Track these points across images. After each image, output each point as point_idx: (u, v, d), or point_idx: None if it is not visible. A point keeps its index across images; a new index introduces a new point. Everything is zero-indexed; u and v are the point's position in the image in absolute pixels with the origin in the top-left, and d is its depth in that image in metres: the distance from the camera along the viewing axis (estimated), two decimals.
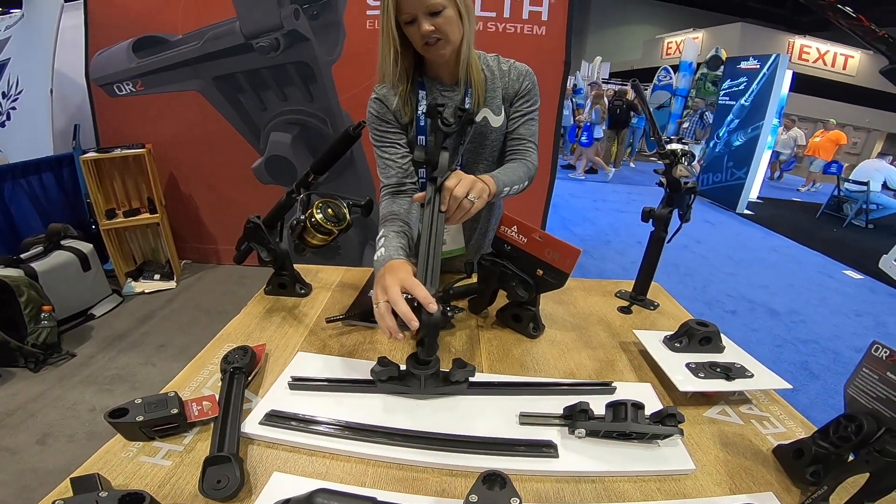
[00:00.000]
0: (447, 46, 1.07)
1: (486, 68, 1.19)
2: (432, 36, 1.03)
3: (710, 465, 0.72)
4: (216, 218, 3.80)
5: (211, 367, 0.89)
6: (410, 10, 1.01)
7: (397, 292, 0.78)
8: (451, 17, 1.03)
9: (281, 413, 0.74)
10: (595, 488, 0.67)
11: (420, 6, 1.00)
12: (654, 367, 0.92)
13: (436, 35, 1.03)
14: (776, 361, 2.89)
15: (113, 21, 3.33)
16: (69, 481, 0.59)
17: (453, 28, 1.04)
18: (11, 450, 1.98)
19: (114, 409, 0.70)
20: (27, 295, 2.49)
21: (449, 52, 1.09)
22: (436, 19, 1.02)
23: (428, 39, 1.04)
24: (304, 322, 1.08)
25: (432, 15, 1.01)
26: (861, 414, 0.64)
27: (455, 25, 1.05)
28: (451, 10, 1.02)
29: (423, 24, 1.02)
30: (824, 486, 0.64)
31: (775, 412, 0.85)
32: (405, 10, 1.01)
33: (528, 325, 1.03)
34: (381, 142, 1.19)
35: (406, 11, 1.02)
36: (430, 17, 1.01)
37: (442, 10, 1.01)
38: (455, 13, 1.03)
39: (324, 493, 0.55)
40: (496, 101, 1.20)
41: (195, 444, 0.71)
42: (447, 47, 1.07)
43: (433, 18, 1.02)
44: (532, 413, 0.76)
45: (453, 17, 1.03)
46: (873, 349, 0.66)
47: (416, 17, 1.02)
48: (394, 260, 0.90)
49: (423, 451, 0.69)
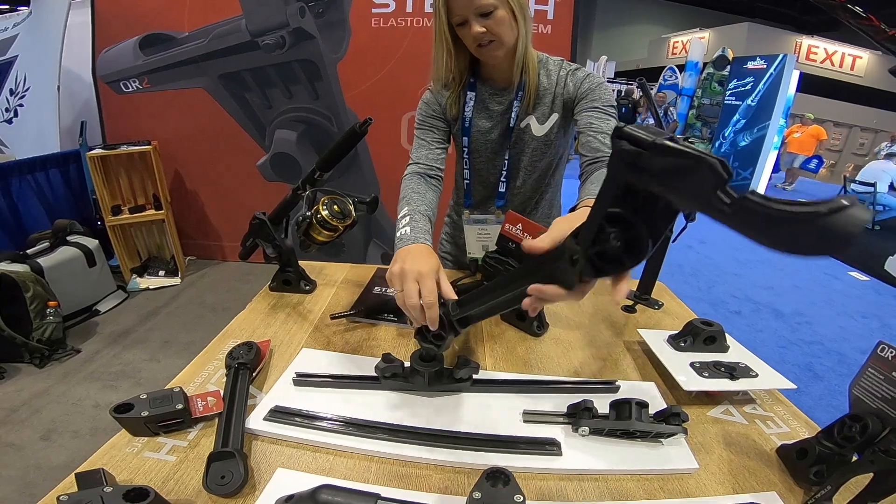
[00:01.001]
0: (500, 48, 1.05)
1: (545, 73, 1.16)
2: (484, 38, 1.02)
3: (713, 465, 0.72)
4: (221, 215, 3.82)
5: (216, 363, 0.89)
6: (461, 12, 1.00)
7: (412, 288, 0.75)
8: (503, 17, 1.01)
9: (285, 409, 0.75)
10: (598, 486, 0.67)
11: (470, 7, 0.99)
12: (657, 366, 0.92)
13: (487, 37, 1.02)
14: (781, 362, 2.88)
15: (119, 18, 3.35)
16: (74, 476, 0.59)
17: (506, 29, 1.02)
18: (16, 445, 1.99)
19: (119, 404, 0.71)
20: (33, 290, 2.51)
21: (503, 54, 1.07)
22: (487, 21, 1.00)
23: (480, 41, 1.03)
24: (308, 318, 1.09)
25: (483, 16, 1.00)
26: (866, 414, 0.64)
27: (508, 27, 1.02)
28: (502, 11, 1.00)
29: (474, 26, 1.00)
30: (828, 485, 0.63)
31: (779, 412, 0.85)
32: (456, 11, 1.00)
33: (533, 324, 1.03)
34: (422, 126, 1.21)
35: (457, 13, 1.01)
36: (481, 18, 1.00)
37: (493, 11, 0.99)
38: (508, 13, 1.01)
39: (328, 489, 0.55)
40: (543, 108, 1.17)
41: (199, 440, 0.72)
42: (500, 49, 1.05)
43: (484, 20, 1.00)
44: (536, 411, 0.76)
45: (505, 17, 1.01)
46: (879, 349, 0.66)
47: (466, 18, 1.00)
48: (420, 244, 0.88)
49: (427, 448, 0.69)
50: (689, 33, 14.13)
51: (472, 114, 1.20)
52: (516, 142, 1.21)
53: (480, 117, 1.21)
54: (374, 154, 3.44)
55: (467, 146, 1.25)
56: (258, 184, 3.61)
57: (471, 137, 1.23)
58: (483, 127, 1.22)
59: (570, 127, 1.21)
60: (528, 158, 1.23)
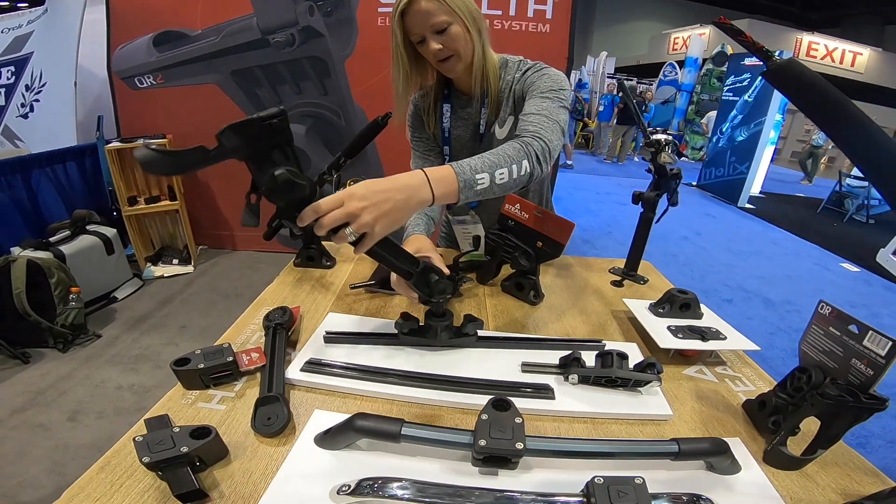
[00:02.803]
0: (459, 62, 1.10)
1: (507, 75, 1.20)
2: (441, 54, 1.07)
3: (686, 414, 0.80)
4: (232, 205, 3.93)
5: (253, 327, 1.00)
6: (418, 31, 1.05)
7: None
8: (458, 33, 1.06)
9: (319, 361, 0.86)
10: (586, 427, 0.77)
11: (425, 26, 1.04)
12: (640, 330, 1.03)
13: (445, 52, 1.07)
14: (769, 347, 2.99)
15: (134, 16, 3.45)
16: (143, 422, 0.67)
17: (462, 44, 1.07)
18: (45, 426, 2.09)
19: (177, 358, 0.80)
20: (57, 276, 2.62)
21: (462, 68, 1.12)
22: (442, 37, 1.05)
23: (439, 57, 1.08)
24: (331, 289, 1.20)
25: (439, 33, 1.05)
26: (811, 366, 0.73)
27: (463, 41, 1.07)
28: (456, 27, 1.05)
29: (431, 44, 1.05)
30: (781, 431, 0.71)
31: (747, 373, 0.93)
32: (413, 30, 1.06)
33: (530, 293, 1.15)
34: (413, 138, 1.33)
35: (415, 32, 1.06)
36: (437, 35, 1.05)
37: (447, 28, 1.04)
38: (462, 28, 1.06)
39: (361, 416, 0.66)
40: (502, 112, 1.22)
41: (245, 391, 0.81)
42: (459, 63, 1.11)
43: (440, 37, 1.05)
44: (532, 363, 0.88)
45: (460, 32, 1.06)
46: (820, 308, 0.74)
47: (424, 36, 1.05)
48: (414, 235, 1.03)
49: (440, 392, 0.81)
50: (689, 29, 14.16)
51: (450, 124, 1.28)
52: (487, 146, 1.25)
53: (457, 126, 1.29)
54: (379, 146, 3.54)
55: (448, 154, 1.33)
56: None
57: (451, 146, 1.31)
58: (459, 135, 1.30)
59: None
60: None
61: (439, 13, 1.02)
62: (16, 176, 3.05)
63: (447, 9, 1.02)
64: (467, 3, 1.05)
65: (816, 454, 0.68)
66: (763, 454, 0.72)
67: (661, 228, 1.27)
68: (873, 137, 0.66)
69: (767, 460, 0.71)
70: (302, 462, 0.66)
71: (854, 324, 0.68)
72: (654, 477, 0.64)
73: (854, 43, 12.81)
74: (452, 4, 1.02)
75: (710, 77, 10.37)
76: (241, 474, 0.65)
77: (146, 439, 0.61)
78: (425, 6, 1.01)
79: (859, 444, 2.25)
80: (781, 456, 0.70)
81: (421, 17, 1.03)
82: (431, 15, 1.02)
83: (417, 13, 1.02)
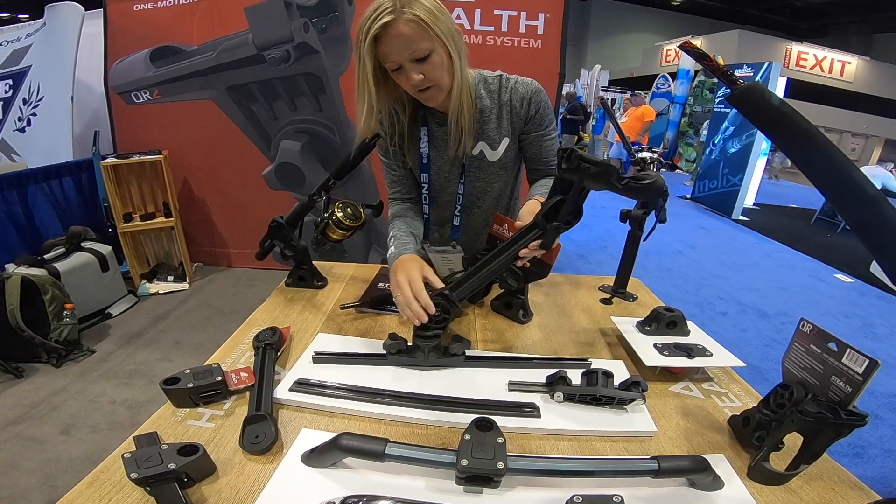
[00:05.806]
0: (440, 92, 1.01)
1: (487, 96, 1.12)
2: (422, 84, 0.97)
3: (671, 430, 0.81)
4: (227, 222, 3.93)
5: (243, 346, 1.01)
6: (395, 58, 0.93)
7: (421, 286, 0.91)
8: (440, 61, 0.95)
9: (307, 381, 0.87)
10: (572, 445, 0.78)
11: (404, 53, 0.92)
12: (627, 348, 1.04)
13: (426, 83, 0.97)
14: (763, 360, 2.99)
15: (131, 31, 3.48)
16: (132, 439, 0.68)
17: (443, 73, 0.97)
18: (37, 440, 2.08)
19: (167, 378, 0.81)
20: (51, 293, 2.62)
21: (442, 98, 1.03)
22: (423, 66, 0.94)
23: (419, 87, 0.98)
24: (321, 309, 1.21)
25: (419, 61, 0.93)
26: (793, 383, 0.74)
27: (445, 69, 0.97)
28: (439, 55, 0.94)
29: (411, 75, 0.94)
30: (764, 447, 0.71)
31: (734, 389, 0.94)
32: (390, 57, 0.93)
33: (518, 312, 1.16)
34: (386, 162, 1.26)
35: (391, 59, 0.93)
36: (417, 63, 0.93)
37: (429, 55, 0.93)
38: (445, 57, 0.95)
39: (346, 436, 0.67)
40: (491, 133, 1.14)
41: (234, 409, 0.82)
42: (440, 93, 1.01)
43: (420, 65, 0.94)
44: (519, 381, 0.89)
45: (442, 60, 0.95)
46: (801, 326, 0.75)
47: (401, 64, 0.94)
48: (404, 255, 1.03)
49: (426, 411, 0.82)
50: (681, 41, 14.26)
51: (429, 149, 1.18)
52: (470, 169, 1.20)
53: (437, 151, 1.20)
54: (374, 165, 3.55)
55: (427, 183, 1.22)
56: (263, 193, 3.73)
57: (430, 174, 1.21)
58: (437, 160, 1.21)
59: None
60: (486, 183, 1.24)
61: (420, 39, 0.91)
62: (12, 191, 3.05)
63: (429, 33, 0.91)
64: (448, 24, 0.94)
65: (800, 469, 0.69)
66: (747, 470, 0.73)
67: (656, 243, 1.29)
68: (835, 163, 0.67)
69: (751, 476, 0.72)
70: (289, 479, 0.67)
71: (833, 341, 0.70)
72: (636, 494, 0.65)
73: (843, 52, 12.95)
74: (435, 28, 0.91)
75: (702, 89, 10.45)
76: (228, 490, 0.66)
77: (134, 456, 0.63)
78: (404, 30, 0.89)
79: (856, 454, 2.25)
80: (765, 471, 0.70)
81: (399, 43, 0.91)
82: (411, 41, 0.90)
83: (395, 38, 0.90)
